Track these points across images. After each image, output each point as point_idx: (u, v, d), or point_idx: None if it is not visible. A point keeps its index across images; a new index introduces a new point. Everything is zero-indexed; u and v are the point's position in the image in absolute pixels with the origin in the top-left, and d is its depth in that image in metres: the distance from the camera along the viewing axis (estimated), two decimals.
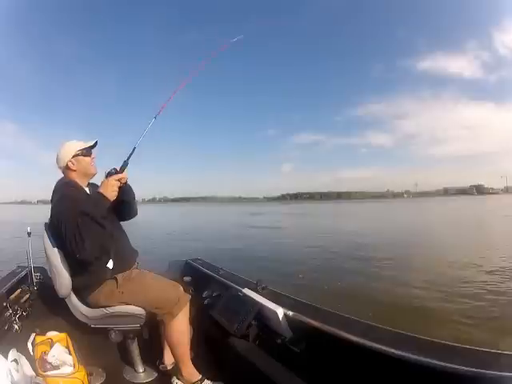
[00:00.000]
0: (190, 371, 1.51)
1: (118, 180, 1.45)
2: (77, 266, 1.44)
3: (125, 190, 1.53)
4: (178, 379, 1.52)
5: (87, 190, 1.60)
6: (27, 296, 2.18)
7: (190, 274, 2.47)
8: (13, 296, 2.09)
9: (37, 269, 2.52)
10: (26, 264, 2.51)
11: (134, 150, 1.50)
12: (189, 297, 1.55)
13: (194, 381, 1.49)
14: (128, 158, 1.50)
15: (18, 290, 2.21)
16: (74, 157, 1.56)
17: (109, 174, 1.46)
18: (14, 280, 2.24)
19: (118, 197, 1.45)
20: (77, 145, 1.59)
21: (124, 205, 1.62)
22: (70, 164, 1.56)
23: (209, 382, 1.51)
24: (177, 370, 1.54)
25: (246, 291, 1.78)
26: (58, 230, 1.40)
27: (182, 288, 1.61)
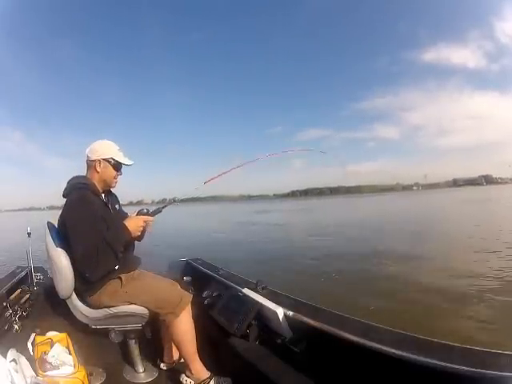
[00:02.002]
0: (199, 368, 1.51)
1: (146, 222, 1.48)
2: (76, 271, 1.44)
3: (144, 233, 1.57)
4: (188, 376, 1.52)
5: (103, 195, 1.59)
6: (27, 296, 2.18)
7: (190, 274, 2.47)
8: (13, 296, 2.09)
9: (37, 269, 2.53)
10: (26, 264, 2.51)
11: (173, 202, 1.58)
12: (190, 296, 1.55)
13: (203, 378, 1.49)
14: (163, 207, 1.55)
15: (18, 290, 2.21)
16: (104, 160, 1.53)
17: (139, 213, 1.50)
18: (14, 280, 2.24)
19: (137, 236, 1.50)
20: (115, 152, 1.55)
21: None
22: (96, 163, 1.52)
23: (217, 378, 1.51)
24: (185, 368, 1.53)
25: (246, 291, 1.78)
26: (67, 233, 1.39)
27: (183, 287, 1.62)
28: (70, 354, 1.46)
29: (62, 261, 1.45)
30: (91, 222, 1.38)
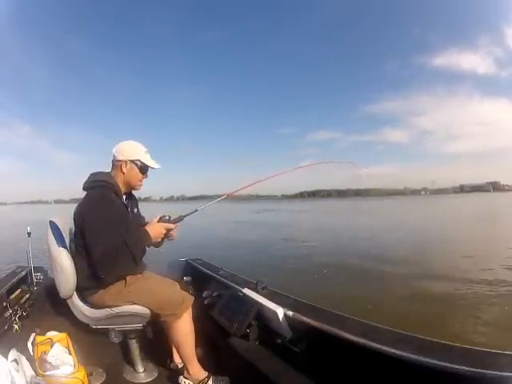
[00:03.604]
0: (197, 369, 1.52)
1: (167, 229, 1.47)
2: (86, 265, 1.42)
3: (164, 240, 1.55)
4: (186, 378, 1.52)
5: (124, 198, 1.57)
6: (27, 296, 2.18)
7: (190, 274, 2.47)
8: (13, 296, 2.09)
9: (37, 269, 2.53)
10: (26, 264, 2.52)
11: (195, 211, 1.57)
12: (192, 298, 1.55)
13: (201, 378, 1.50)
14: (186, 215, 1.55)
15: (18, 290, 2.21)
16: (131, 161, 1.50)
17: (161, 219, 1.49)
18: (14, 280, 2.24)
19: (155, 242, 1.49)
20: (142, 154, 1.53)
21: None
22: (123, 164, 1.50)
23: (215, 377, 1.51)
24: (183, 369, 1.54)
25: (246, 291, 1.78)
26: (85, 230, 1.36)
27: (183, 288, 1.62)
28: (70, 353, 1.46)
29: (63, 260, 1.45)
30: (113, 223, 1.36)
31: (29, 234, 2.50)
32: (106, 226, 1.34)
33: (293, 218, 23.72)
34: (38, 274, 2.50)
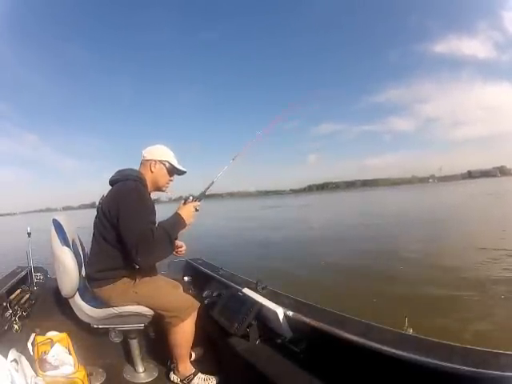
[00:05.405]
0: (186, 366, 1.57)
1: (195, 208, 1.49)
2: (105, 257, 1.43)
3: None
4: (175, 374, 1.58)
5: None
6: (27, 296, 2.18)
7: (190, 273, 2.47)
8: (13, 296, 2.10)
9: (37, 269, 2.53)
10: (26, 264, 2.52)
11: (212, 183, 1.60)
12: (198, 304, 1.56)
13: (187, 375, 1.55)
14: (205, 190, 1.58)
15: (18, 290, 2.22)
16: (160, 161, 1.55)
17: (186, 202, 1.50)
18: (14, 280, 2.25)
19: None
20: (171, 157, 1.57)
21: None
22: (152, 163, 1.54)
23: (201, 375, 1.55)
24: (175, 367, 1.58)
25: (246, 291, 1.78)
26: (119, 216, 1.35)
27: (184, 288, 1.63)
28: (70, 353, 1.46)
29: (66, 259, 1.45)
30: (147, 210, 1.40)
31: (29, 234, 2.50)
32: (142, 213, 1.36)
33: (289, 215, 23.73)
34: (38, 274, 2.50)
